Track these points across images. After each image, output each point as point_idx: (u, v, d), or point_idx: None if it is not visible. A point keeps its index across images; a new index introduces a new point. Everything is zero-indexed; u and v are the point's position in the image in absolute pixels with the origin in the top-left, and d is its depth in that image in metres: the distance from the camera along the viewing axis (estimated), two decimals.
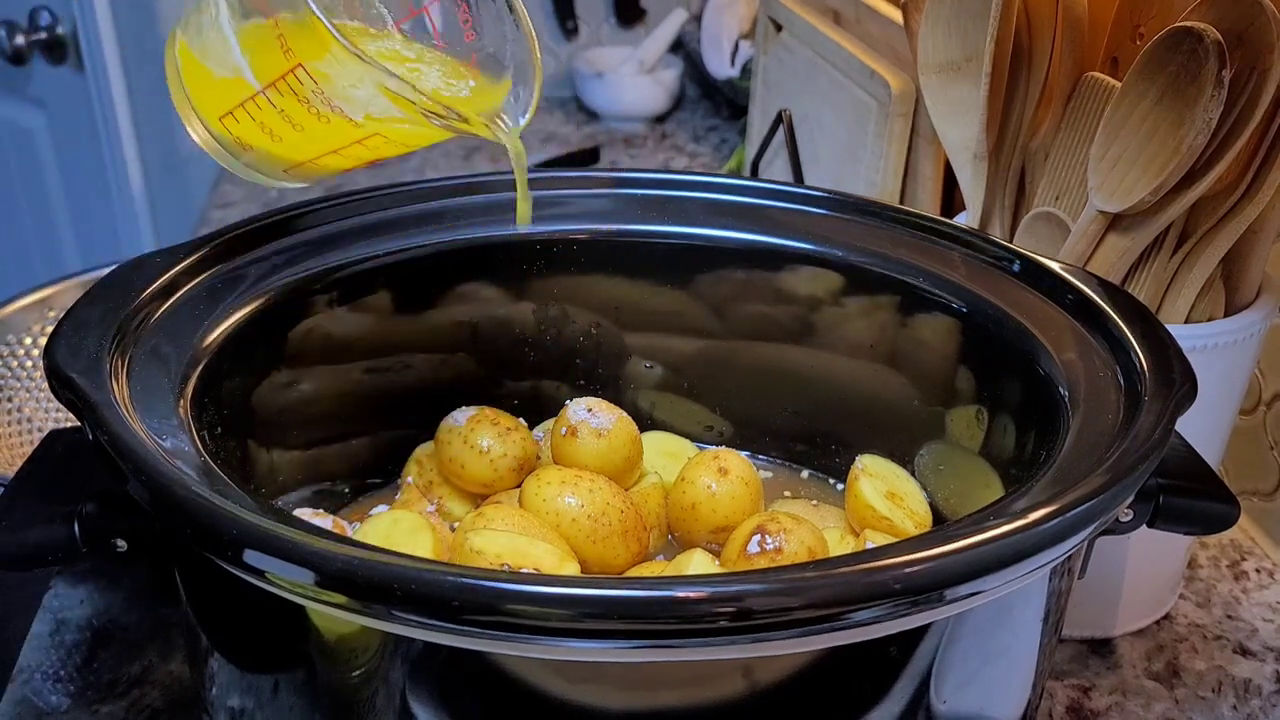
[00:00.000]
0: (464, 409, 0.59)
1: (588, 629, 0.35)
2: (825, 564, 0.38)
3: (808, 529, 0.52)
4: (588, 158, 1.34)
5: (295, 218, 0.57)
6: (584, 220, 0.61)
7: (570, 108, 1.52)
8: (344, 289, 0.57)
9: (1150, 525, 0.47)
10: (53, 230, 1.65)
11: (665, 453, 0.63)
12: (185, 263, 0.52)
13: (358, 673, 0.41)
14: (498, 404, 0.61)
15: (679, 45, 1.52)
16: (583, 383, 0.65)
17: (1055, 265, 0.54)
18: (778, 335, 0.62)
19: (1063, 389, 0.49)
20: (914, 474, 0.60)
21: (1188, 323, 0.60)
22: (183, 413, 0.45)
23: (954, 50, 0.63)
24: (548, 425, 0.63)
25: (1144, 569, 0.65)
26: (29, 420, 0.77)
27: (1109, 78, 0.58)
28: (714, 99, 1.47)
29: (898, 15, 0.83)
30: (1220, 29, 0.50)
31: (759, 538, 0.51)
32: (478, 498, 0.59)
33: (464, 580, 0.35)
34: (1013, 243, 0.57)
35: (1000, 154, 0.64)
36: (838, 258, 0.59)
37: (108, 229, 1.59)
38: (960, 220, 0.65)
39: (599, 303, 0.63)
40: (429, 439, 0.61)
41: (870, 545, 0.54)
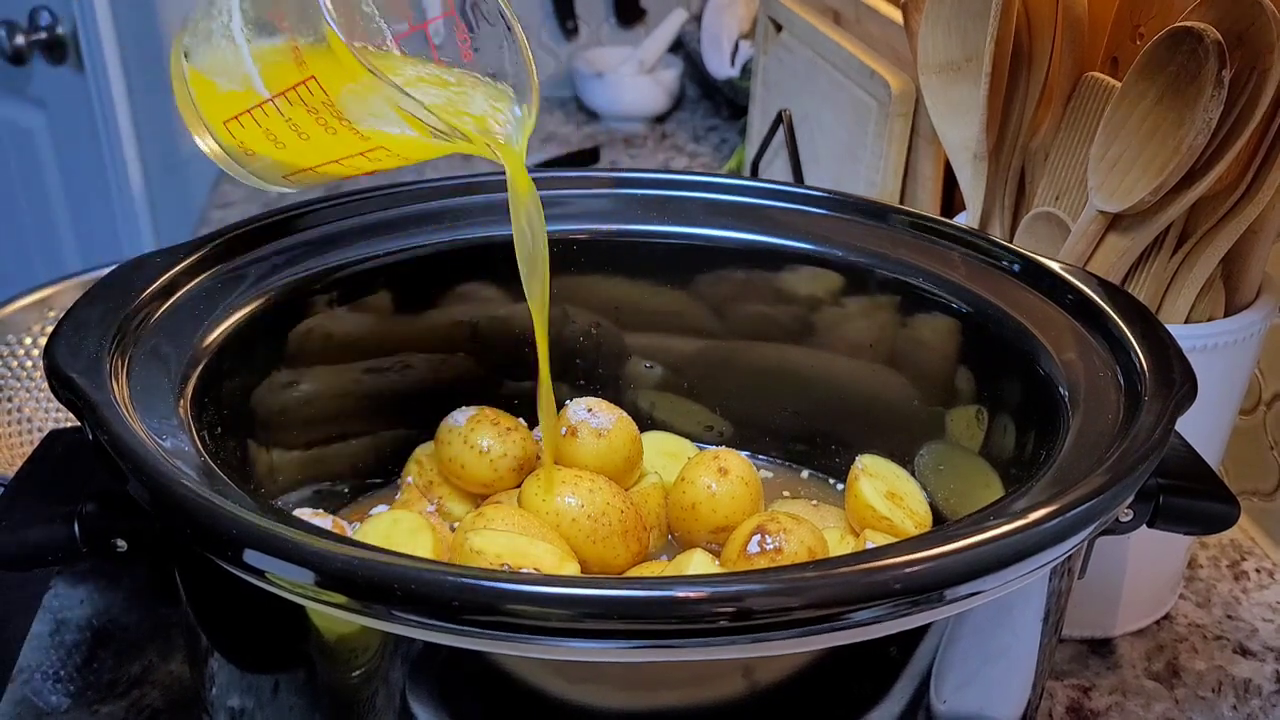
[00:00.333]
0: (464, 409, 0.59)
1: (588, 629, 0.35)
2: (825, 564, 0.38)
3: (808, 529, 0.52)
4: (588, 158, 1.34)
5: (295, 218, 0.57)
6: (584, 220, 0.61)
7: (570, 108, 1.52)
8: (344, 289, 0.57)
9: (1150, 525, 0.47)
10: (53, 230, 1.65)
11: (665, 453, 0.63)
12: (185, 263, 0.52)
13: (358, 673, 0.41)
14: (498, 404, 0.61)
15: (679, 45, 1.52)
16: (583, 383, 0.65)
17: (1055, 265, 0.54)
18: (778, 335, 0.62)
19: (1063, 389, 0.49)
20: (914, 474, 0.60)
21: (1188, 323, 0.60)
22: (183, 413, 0.45)
23: (954, 50, 0.63)
24: None
25: (1144, 569, 0.65)
26: (29, 420, 0.78)
27: (1109, 78, 0.58)
28: (714, 99, 1.47)
29: (898, 15, 0.83)
30: (1220, 29, 0.50)
31: (759, 538, 0.51)
32: (478, 498, 0.59)
33: (464, 580, 0.35)
34: (1013, 243, 0.57)
35: (1000, 154, 0.64)
36: (838, 258, 0.59)
37: (108, 229, 1.59)
38: (960, 220, 0.65)
39: (599, 303, 0.63)
40: (429, 439, 0.61)
41: (870, 545, 0.54)
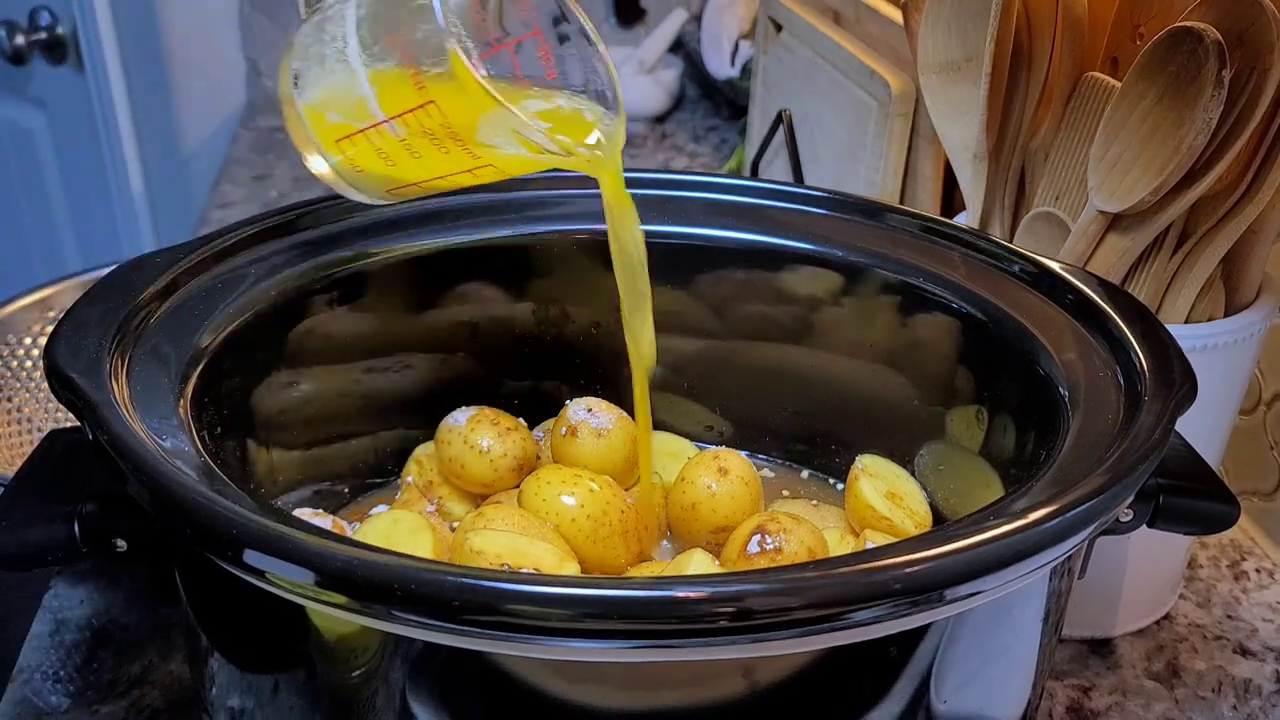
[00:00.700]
0: (464, 409, 0.59)
1: (588, 629, 0.35)
2: (825, 564, 0.38)
3: (808, 529, 0.52)
4: None
5: (295, 218, 0.57)
6: (584, 220, 0.61)
7: None
8: (344, 289, 0.57)
9: (1150, 525, 0.47)
10: (53, 230, 1.65)
11: (665, 453, 0.63)
12: (185, 263, 0.52)
13: (358, 673, 0.41)
14: (498, 404, 0.61)
15: (679, 45, 1.51)
16: (583, 383, 0.65)
17: (1055, 265, 0.54)
18: (778, 335, 0.62)
19: (1063, 389, 0.49)
20: (914, 474, 0.60)
21: (1188, 323, 0.60)
22: (183, 413, 0.45)
23: (954, 50, 0.63)
24: (548, 425, 0.63)
25: (1144, 569, 0.65)
26: (29, 420, 0.78)
27: (1109, 78, 0.58)
28: (714, 99, 1.47)
29: (898, 15, 0.83)
30: (1220, 29, 0.50)
31: (759, 538, 0.51)
32: (478, 498, 0.59)
33: (464, 580, 0.35)
34: (1013, 243, 0.57)
35: (1000, 154, 0.64)
36: (838, 258, 0.59)
37: (108, 229, 1.59)
38: (960, 220, 0.65)
39: (599, 303, 0.63)
40: (429, 439, 0.61)
41: (870, 545, 0.54)
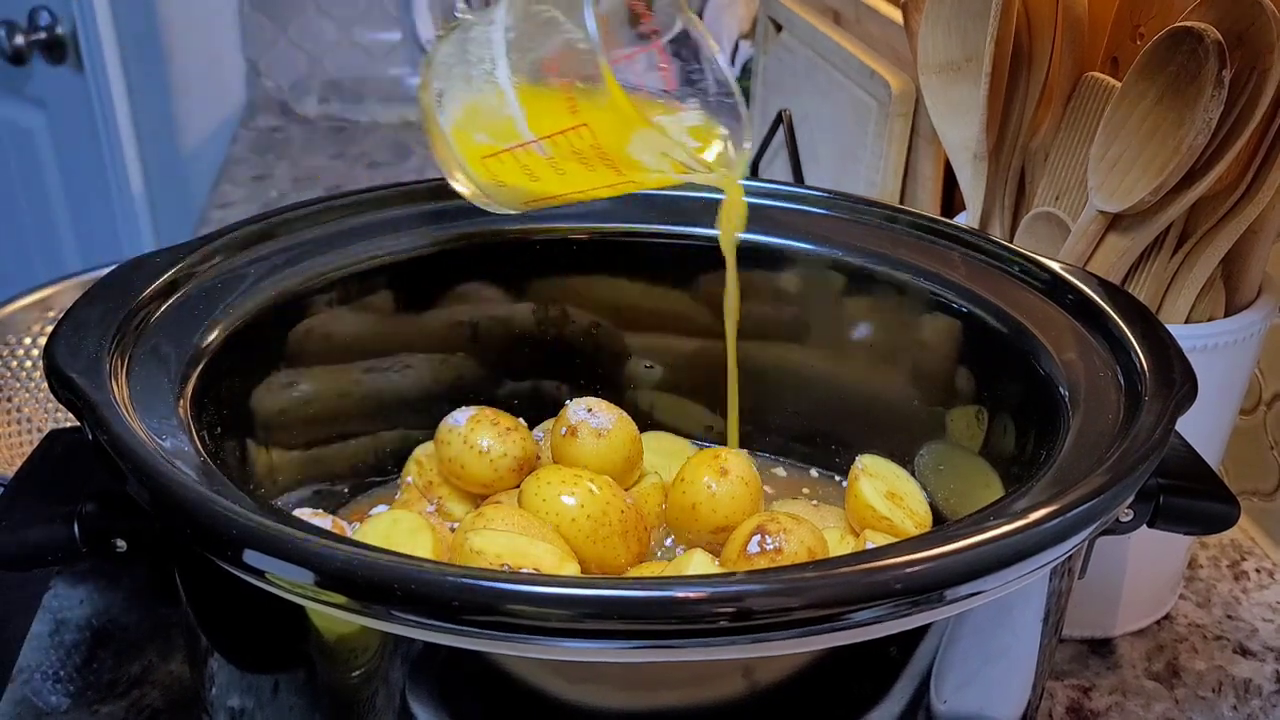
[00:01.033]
0: (464, 409, 0.59)
1: (587, 629, 0.35)
2: (825, 564, 0.38)
3: (808, 529, 0.52)
4: None
5: (296, 218, 0.57)
6: (584, 220, 0.61)
7: None
8: (344, 289, 0.57)
9: (1150, 525, 0.47)
10: (52, 230, 1.65)
11: (665, 453, 0.63)
12: (185, 263, 0.52)
13: (357, 673, 0.41)
14: (498, 404, 0.61)
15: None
16: (583, 383, 0.65)
17: (1055, 265, 0.54)
18: (778, 335, 0.62)
19: (1063, 389, 0.49)
20: (914, 474, 0.60)
21: (1188, 323, 0.60)
22: (182, 413, 0.45)
23: (954, 50, 0.63)
24: (548, 425, 0.63)
25: (1144, 569, 0.65)
26: (29, 420, 0.78)
27: (1109, 78, 0.58)
28: None
29: (898, 15, 0.83)
30: (1220, 29, 0.50)
31: (759, 538, 0.51)
32: (478, 498, 0.59)
33: (464, 580, 0.35)
34: (1013, 243, 0.57)
35: (1000, 154, 0.64)
36: (838, 258, 0.59)
37: (108, 229, 1.59)
38: (960, 220, 0.65)
39: (599, 303, 0.63)
40: (429, 439, 0.61)
41: (870, 545, 0.54)
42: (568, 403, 0.60)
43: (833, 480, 0.65)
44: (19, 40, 1.49)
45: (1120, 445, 0.43)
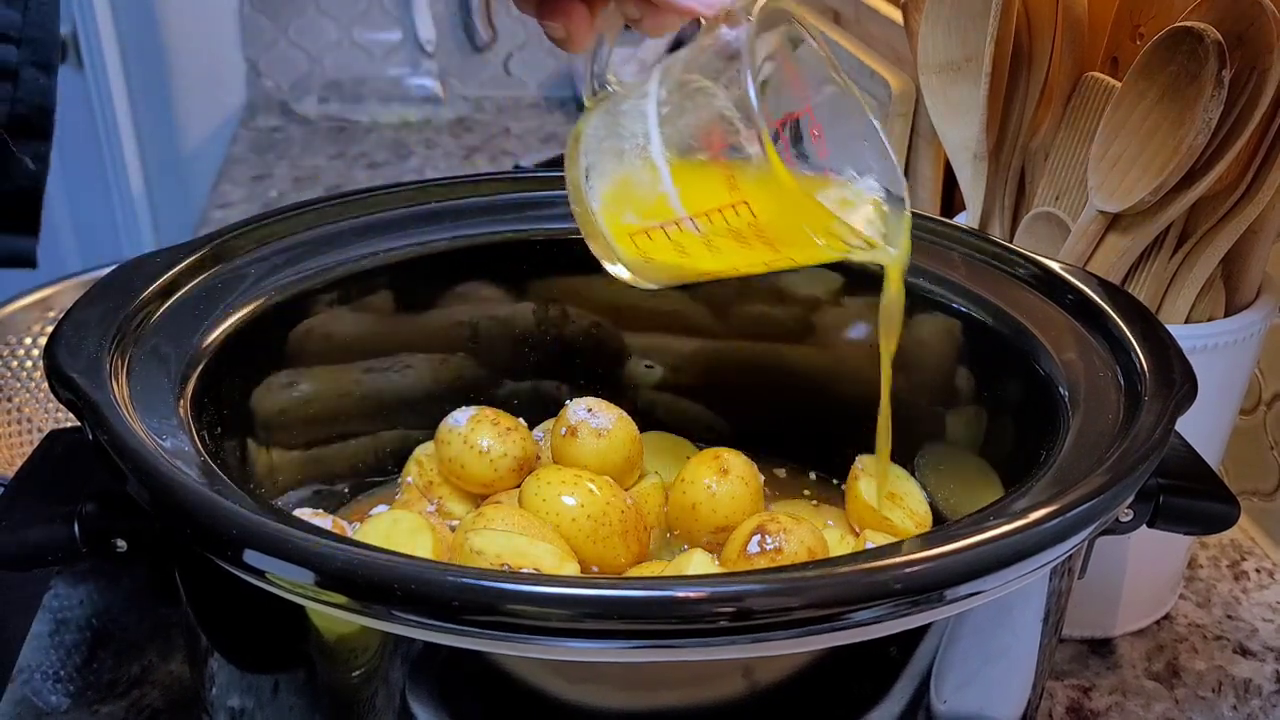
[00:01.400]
0: (464, 409, 0.59)
1: (587, 629, 0.35)
2: (825, 564, 0.38)
3: (808, 529, 0.52)
4: None
5: (295, 218, 0.57)
6: None
7: (570, 107, 1.52)
8: (344, 289, 0.57)
9: (1150, 525, 0.47)
10: (53, 230, 1.65)
11: (665, 452, 0.63)
12: (185, 263, 0.52)
13: (358, 673, 0.41)
14: (498, 404, 0.61)
15: (678, 45, 1.51)
16: (583, 383, 0.65)
17: (1055, 265, 0.54)
18: (778, 335, 0.62)
19: (1063, 389, 0.49)
20: (914, 474, 0.60)
21: (1188, 323, 0.60)
22: (183, 413, 0.45)
23: (954, 50, 0.63)
24: (548, 425, 0.63)
25: (1144, 569, 0.65)
26: (29, 420, 0.78)
27: (1109, 78, 0.58)
28: None
29: (897, 15, 0.83)
30: (1220, 29, 0.50)
31: (759, 538, 0.51)
32: (478, 498, 0.59)
33: (464, 580, 0.35)
34: (1013, 243, 0.57)
35: (1000, 154, 0.64)
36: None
37: (108, 229, 1.59)
38: (960, 220, 0.65)
39: (599, 303, 0.63)
40: (429, 439, 0.61)
41: (870, 545, 0.54)
42: (568, 403, 0.60)
43: (832, 480, 0.65)
44: None
45: (1120, 445, 0.43)
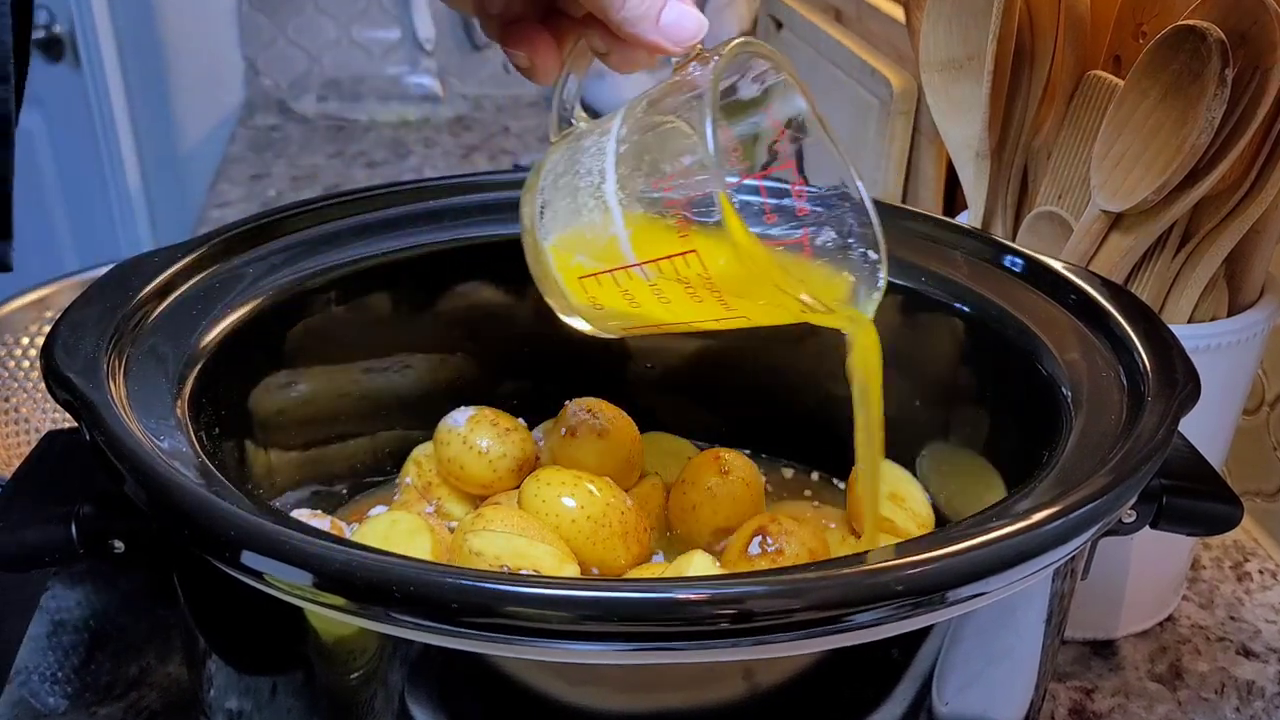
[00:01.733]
0: (463, 409, 0.59)
1: (587, 631, 0.35)
2: (827, 565, 0.37)
3: (809, 530, 0.52)
4: None
5: (294, 217, 0.57)
6: None
7: None
8: (343, 289, 0.56)
9: (1153, 526, 0.47)
10: (50, 229, 1.65)
11: (665, 453, 0.63)
12: (183, 262, 0.52)
13: (356, 674, 0.40)
14: (498, 404, 0.60)
15: None
16: (583, 383, 0.64)
17: (1058, 265, 0.54)
18: (778, 335, 0.62)
19: (1065, 389, 0.48)
20: (916, 475, 0.60)
21: (1191, 322, 0.60)
22: (180, 413, 0.45)
23: (956, 48, 0.63)
24: (548, 425, 0.63)
25: (1147, 570, 0.65)
26: (26, 420, 0.77)
27: (1112, 76, 0.58)
28: None
29: (899, 13, 0.83)
30: (1223, 28, 0.50)
31: (760, 539, 0.51)
32: (477, 498, 0.59)
33: (462, 582, 0.35)
34: (1015, 242, 0.57)
35: (1002, 153, 0.64)
36: None
37: (105, 228, 1.59)
38: (962, 219, 0.65)
39: None
40: (428, 439, 0.60)
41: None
42: (568, 403, 0.60)
43: (834, 481, 0.65)
44: None
45: (1123, 446, 0.43)
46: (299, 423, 0.57)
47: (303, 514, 0.53)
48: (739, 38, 0.44)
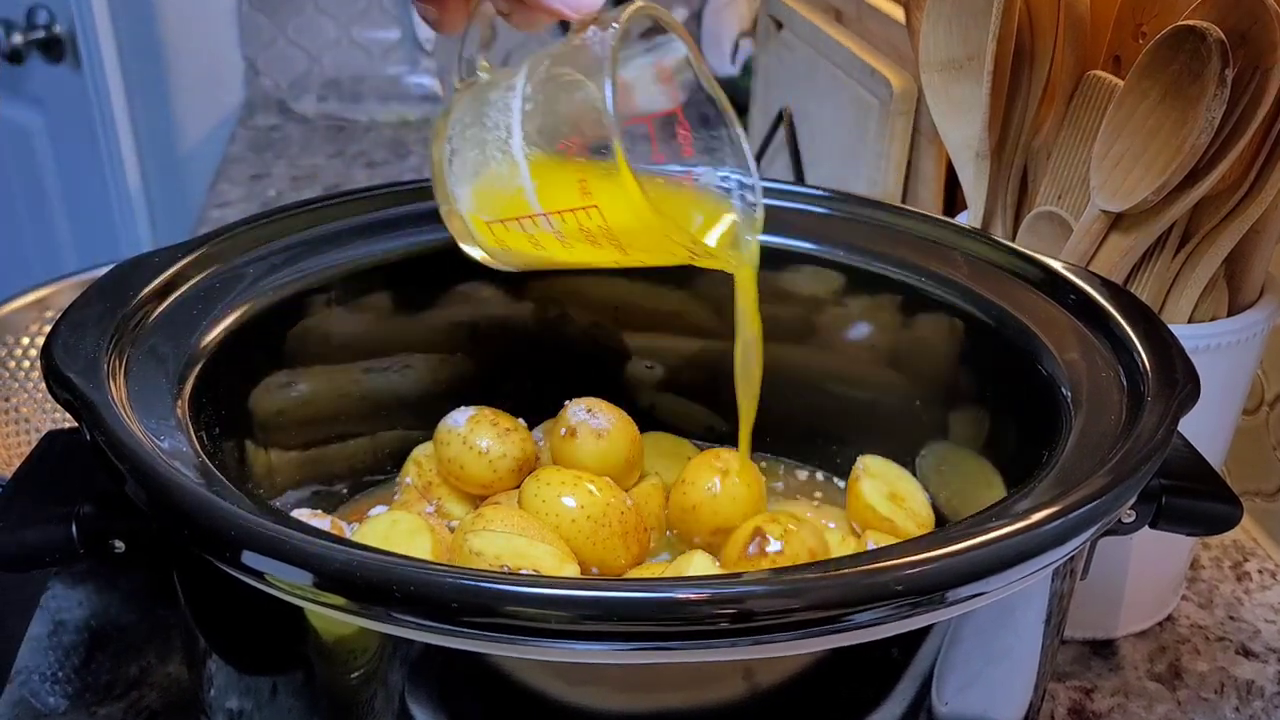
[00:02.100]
0: (464, 409, 0.59)
1: (587, 631, 0.35)
2: (827, 565, 0.37)
3: (809, 530, 0.52)
4: None
5: (294, 217, 0.57)
6: None
7: None
8: (343, 289, 0.56)
9: (1153, 526, 0.47)
10: (50, 230, 1.65)
11: (665, 453, 0.63)
12: (183, 262, 0.52)
13: (356, 674, 0.40)
14: (498, 404, 0.60)
15: None
16: (583, 383, 0.64)
17: (1057, 265, 0.54)
18: (778, 335, 0.62)
19: (1065, 389, 0.48)
20: (916, 474, 0.60)
21: (1190, 323, 0.60)
22: (180, 413, 0.45)
23: (956, 48, 0.63)
24: (547, 426, 0.63)
25: (1146, 570, 0.65)
26: (26, 421, 0.77)
27: (1111, 76, 0.58)
28: None
29: (899, 13, 0.83)
30: (1223, 28, 0.50)
31: (760, 539, 0.51)
32: (477, 498, 0.59)
33: (463, 582, 0.35)
34: (1015, 242, 0.57)
35: (1002, 153, 0.64)
36: (839, 257, 0.59)
37: (105, 228, 1.59)
38: (962, 219, 0.65)
39: (599, 303, 0.63)
40: (428, 439, 0.60)
41: (872, 546, 0.54)
42: (567, 403, 0.60)
43: (834, 481, 0.65)
44: (17, 39, 1.49)
45: (1123, 446, 0.43)
46: (299, 422, 0.57)
47: (303, 514, 0.53)
48: (637, 3, 0.47)
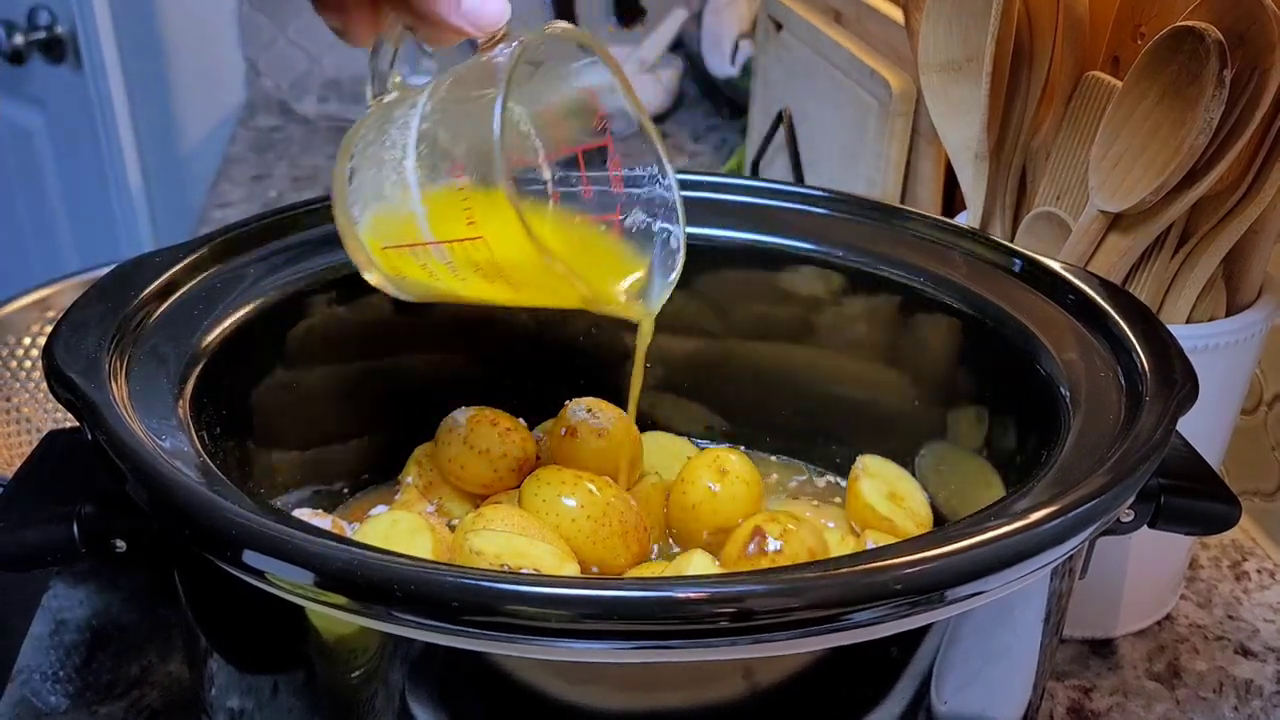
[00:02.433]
0: (464, 409, 0.59)
1: (587, 630, 0.35)
2: (826, 564, 0.38)
3: (808, 529, 0.52)
4: None
5: (295, 217, 0.57)
6: None
7: None
8: (344, 289, 0.57)
9: (1151, 526, 0.47)
10: (51, 230, 1.65)
11: (665, 453, 0.63)
12: (184, 263, 0.52)
13: (357, 673, 0.41)
14: (498, 404, 0.61)
15: (679, 44, 1.51)
16: (583, 383, 0.65)
17: (1056, 265, 0.54)
18: (778, 335, 0.62)
19: (1064, 389, 0.49)
20: (915, 474, 0.60)
21: (1189, 323, 0.60)
22: (182, 413, 0.45)
23: (955, 49, 0.63)
24: (548, 425, 0.63)
25: (1145, 569, 0.65)
26: (28, 420, 0.77)
27: (1110, 77, 0.58)
28: (714, 98, 1.47)
29: (898, 14, 0.83)
30: (1221, 28, 0.50)
31: (759, 538, 0.51)
32: (477, 498, 0.59)
33: (463, 581, 0.35)
34: (1014, 242, 0.57)
35: (1001, 153, 0.64)
36: (838, 258, 0.59)
37: (106, 229, 1.58)
38: (961, 220, 0.65)
39: None
40: (429, 439, 0.61)
41: (871, 545, 0.54)
42: (568, 403, 0.60)
43: (833, 480, 0.65)
44: (18, 40, 1.49)
45: (1121, 445, 0.43)
46: (300, 422, 0.57)
47: (304, 513, 0.53)
48: (557, 24, 0.45)
